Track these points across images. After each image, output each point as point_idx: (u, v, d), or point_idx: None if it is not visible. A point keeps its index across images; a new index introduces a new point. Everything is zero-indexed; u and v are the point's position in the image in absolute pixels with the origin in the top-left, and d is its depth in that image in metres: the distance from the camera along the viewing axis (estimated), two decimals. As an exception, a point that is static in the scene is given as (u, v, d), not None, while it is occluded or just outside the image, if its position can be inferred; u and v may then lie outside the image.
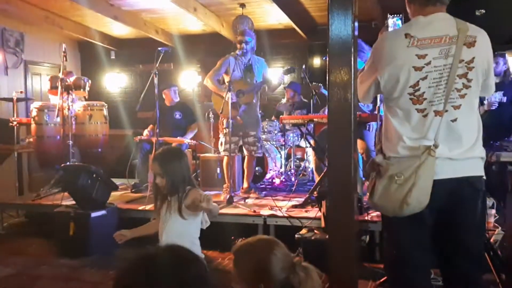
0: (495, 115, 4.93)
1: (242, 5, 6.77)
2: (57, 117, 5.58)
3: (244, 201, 5.07)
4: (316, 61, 7.65)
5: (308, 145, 5.99)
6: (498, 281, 3.01)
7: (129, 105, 8.51)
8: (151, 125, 5.95)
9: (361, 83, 2.26)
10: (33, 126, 5.86)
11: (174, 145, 5.41)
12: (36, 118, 5.80)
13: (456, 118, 2.05)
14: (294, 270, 1.66)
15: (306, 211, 4.52)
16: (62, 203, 4.78)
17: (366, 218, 4.06)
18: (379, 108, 4.03)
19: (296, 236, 3.87)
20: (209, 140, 6.79)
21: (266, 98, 7.62)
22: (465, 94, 2.05)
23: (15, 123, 5.76)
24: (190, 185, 2.73)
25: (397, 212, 2.06)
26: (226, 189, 5.24)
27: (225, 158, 5.33)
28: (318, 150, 4.96)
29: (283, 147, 6.54)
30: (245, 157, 5.49)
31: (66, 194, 4.86)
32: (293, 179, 6.37)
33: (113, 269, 3.84)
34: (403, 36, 2.07)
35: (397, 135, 2.11)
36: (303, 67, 6.72)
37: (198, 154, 6.05)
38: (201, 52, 8.56)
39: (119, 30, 8.33)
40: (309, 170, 6.44)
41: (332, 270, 2.38)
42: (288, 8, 6.73)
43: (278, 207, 4.64)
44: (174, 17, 7.53)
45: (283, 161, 6.53)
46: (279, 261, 1.65)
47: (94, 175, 4.55)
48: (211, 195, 2.66)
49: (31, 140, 5.97)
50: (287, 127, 6.32)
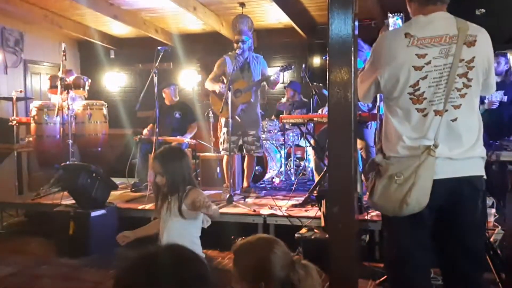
0: (495, 114, 4.94)
1: (242, 4, 6.76)
2: (56, 116, 5.58)
3: (244, 201, 5.06)
4: (316, 61, 7.64)
5: (308, 144, 5.99)
6: (498, 280, 3.01)
7: (128, 104, 8.50)
8: (151, 124, 5.95)
9: (361, 82, 2.26)
10: (32, 126, 5.85)
11: (175, 145, 5.40)
12: (35, 117, 5.79)
13: (456, 118, 2.04)
14: (294, 268, 1.66)
15: (306, 211, 4.51)
16: (61, 203, 4.76)
17: (366, 217, 4.05)
18: (379, 107, 4.04)
19: (296, 235, 3.87)
20: (209, 140, 6.79)
21: (265, 98, 7.61)
22: (466, 93, 2.04)
23: (14, 122, 5.75)
24: (190, 184, 2.74)
25: (396, 212, 2.06)
26: (226, 189, 5.24)
27: (225, 158, 5.33)
28: (318, 150, 4.96)
29: (283, 147, 6.54)
30: (245, 156, 5.49)
31: (65, 193, 4.85)
32: (293, 178, 6.37)
33: (113, 268, 3.84)
34: (403, 35, 2.07)
35: (397, 135, 2.11)
36: (303, 66, 6.71)
37: (198, 154, 6.05)
38: (201, 51, 8.55)
39: (119, 29, 8.32)
40: (309, 169, 6.44)
41: (332, 269, 2.38)
42: (288, 7, 6.72)
43: (278, 206, 4.63)
44: (173, 16, 7.52)
45: (283, 160, 6.53)
46: (279, 259, 1.65)
47: (93, 174, 4.55)
48: (210, 195, 2.66)
49: (30, 139, 5.96)
50: (287, 126, 6.30)
